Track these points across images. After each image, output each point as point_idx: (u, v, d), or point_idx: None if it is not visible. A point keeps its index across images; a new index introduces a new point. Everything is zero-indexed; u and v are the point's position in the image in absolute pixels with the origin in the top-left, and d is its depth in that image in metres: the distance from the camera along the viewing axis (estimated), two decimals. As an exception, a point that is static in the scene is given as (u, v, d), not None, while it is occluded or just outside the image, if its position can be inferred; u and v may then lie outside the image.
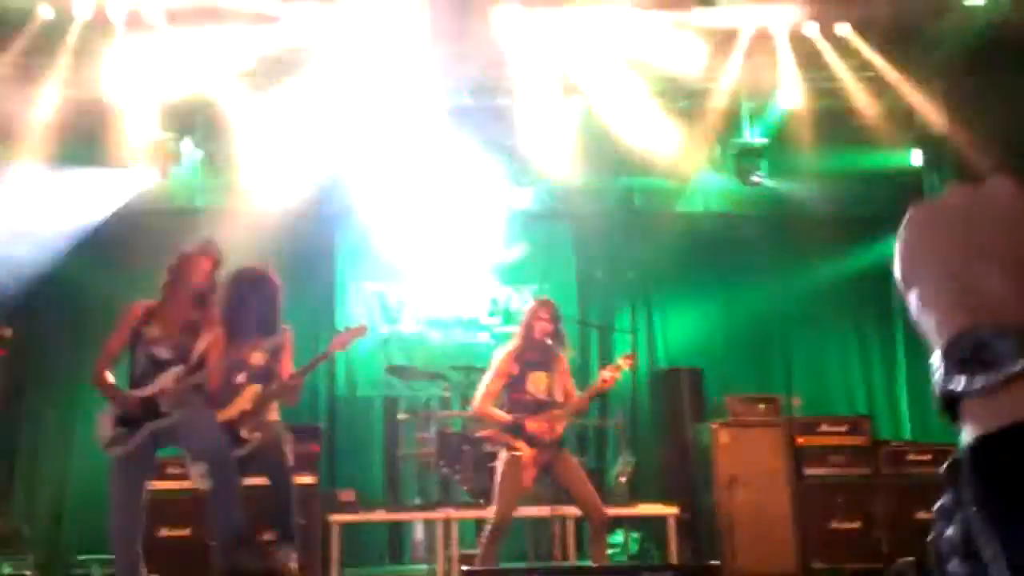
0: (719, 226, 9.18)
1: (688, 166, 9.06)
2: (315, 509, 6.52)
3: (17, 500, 7.98)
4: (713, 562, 6.03)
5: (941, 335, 0.74)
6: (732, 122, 8.76)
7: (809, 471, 6.84)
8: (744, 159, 8.64)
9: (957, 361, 0.72)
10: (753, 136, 8.67)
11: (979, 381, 0.71)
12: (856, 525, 6.73)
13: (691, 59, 7.98)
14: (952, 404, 0.73)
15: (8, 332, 5.63)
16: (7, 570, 6.85)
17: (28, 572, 6.92)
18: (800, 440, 6.91)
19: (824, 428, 7.01)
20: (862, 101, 8.48)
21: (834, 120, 8.76)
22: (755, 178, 8.58)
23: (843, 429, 7.03)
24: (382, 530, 8.25)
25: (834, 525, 6.72)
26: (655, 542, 7.20)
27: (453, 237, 9.16)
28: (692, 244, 8.99)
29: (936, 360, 0.74)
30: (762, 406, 7.15)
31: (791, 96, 8.47)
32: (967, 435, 0.71)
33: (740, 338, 8.95)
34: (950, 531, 0.70)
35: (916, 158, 9.03)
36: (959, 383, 0.72)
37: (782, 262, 9.01)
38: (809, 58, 8.29)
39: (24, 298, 7.99)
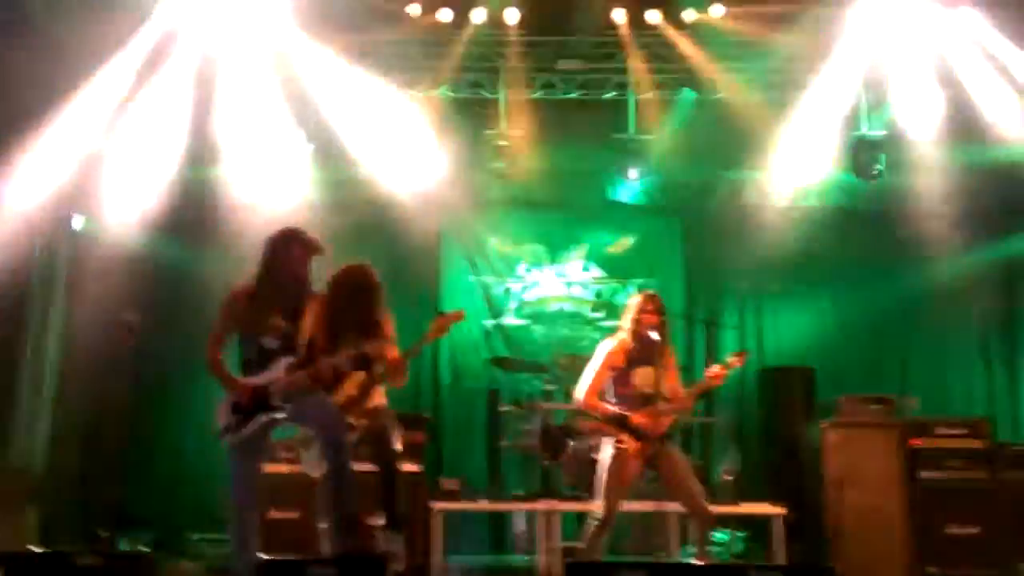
0: (833, 221, 8.92)
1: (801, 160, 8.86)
2: (420, 497, 6.59)
3: (133, 480, 8.28)
4: (825, 564, 5.90)
5: None
6: (849, 115, 8.51)
7: (924, 474, 6.61)
8: (862, 152, 8.36)
9: None
10: (871, 128, 8.39)
11: None
12: (974, 531, 6.48)
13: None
14: None
15: (135, 319, 5.84)
16: (124, 546, 7.13)
17: (144, 548, 7.19)
18: (915, 442, 6.67)
19: (941, 430, 6.75)
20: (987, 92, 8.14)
21: (957, 112, 8.43)
22: (873, 172, 8.30)
23: (961, 432, 6.76)
24: (485, 519, 8.31)
25: (950, 531, 6.48)
26: (760, 542, 7.05)
27: (558, 230, 9.15)
28: (804, 240, 8.76)
29: None
30: (875, 407, 6.93)
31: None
32: None
33: (853, 337, 8.70)
34: None
35: (1044, 151, 8.60)
36: None
37: (899, 259, 8.71)
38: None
39: (143, 285, 8.30)
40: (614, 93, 8.74)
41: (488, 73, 8.66)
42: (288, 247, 4.83)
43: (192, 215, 8.76)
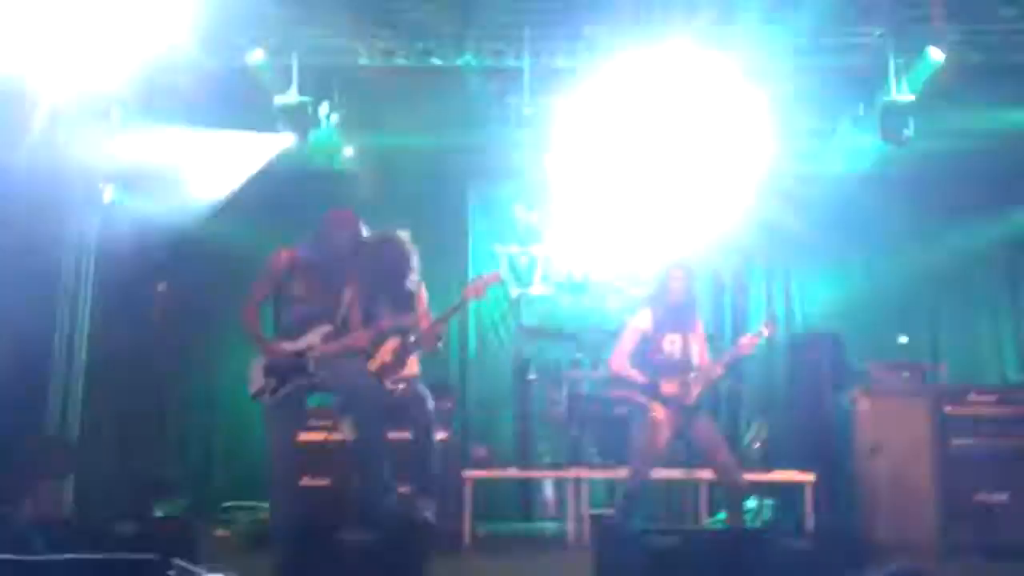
0: (861, 187, 8.83)
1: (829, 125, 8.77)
2: (449, 464, 6.64)
3: (169, 449, 8.39)
4: (853, 531, 5.89)
5: None
6: (878, 78, 8.39)
7: (956, 441, 6.57)
8: (890, 117, 8.25)
9: None
10: (900, 92, 8.27)
11: None
12: (1004, 498, 6.45)
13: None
14: None
15: (164, 287, 5.90)
16: (160, 513, 7.23)
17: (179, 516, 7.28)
18: (947, 409, 6.63)
19: (973, 397, 6.70)
20: (1020, 54, 8.02)
21: (988, 75, 8.30)
22: (903, 136, 8.19)
23: (993, 399, 6.71)
24: (513, 487, 8.35)
25: (980, 498, 6.45)
26: (789, 509, 7.06)
27: (584, 199, 9.11)
28: (832, 206, 8.69)
29: None
30: (906, 373, 6.90)
31: (942, 50, 8.06)
32: None
33: (883, 304, 8.63)
34: None
35: (1077, 115, 8.47)
36: None
37: (928, 224, 8.64)
38: (962, 8, 7.87)
39: (174, 257, 8.35)
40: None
41: (512, 41, 8.58)
42: (340, 229, 4.87)
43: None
